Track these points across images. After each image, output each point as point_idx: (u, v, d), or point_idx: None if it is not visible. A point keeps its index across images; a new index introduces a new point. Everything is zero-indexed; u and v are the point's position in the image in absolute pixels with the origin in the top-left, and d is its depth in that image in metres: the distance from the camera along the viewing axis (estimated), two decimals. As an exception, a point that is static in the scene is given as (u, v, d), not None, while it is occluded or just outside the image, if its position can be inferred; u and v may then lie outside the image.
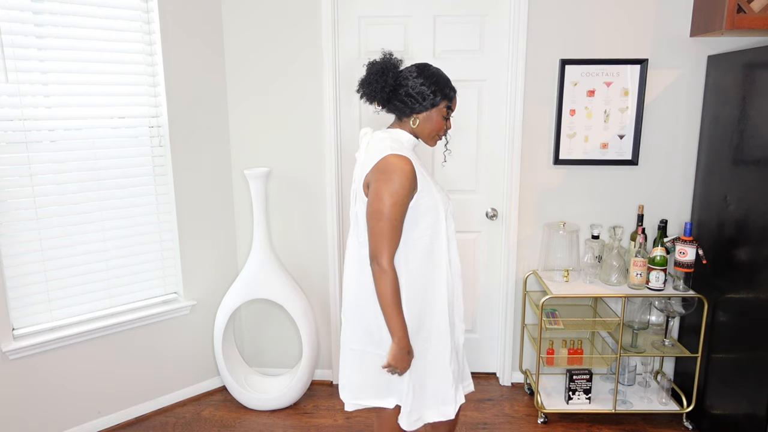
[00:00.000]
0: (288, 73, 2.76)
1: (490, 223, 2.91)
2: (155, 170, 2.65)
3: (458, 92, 2.76)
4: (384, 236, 1.58)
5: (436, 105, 1.67)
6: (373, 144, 1.68)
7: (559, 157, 2.73)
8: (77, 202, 2.45)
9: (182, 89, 2.63)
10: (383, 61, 1.67)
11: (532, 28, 2.63)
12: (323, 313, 3.00)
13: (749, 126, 2.24)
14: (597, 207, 2.80)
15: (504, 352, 2.99)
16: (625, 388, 2.78)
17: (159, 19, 2.51)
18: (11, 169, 2.27)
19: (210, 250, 2.86)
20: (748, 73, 2.26)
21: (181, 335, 2.82)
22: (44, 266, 2.40)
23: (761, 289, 2.17)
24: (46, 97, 2.31)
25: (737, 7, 2.25)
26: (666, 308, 2.54)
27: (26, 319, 2.39)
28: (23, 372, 2.37)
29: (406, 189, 1.58)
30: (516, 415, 2.74)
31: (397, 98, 1.67)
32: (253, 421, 2.71)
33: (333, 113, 2.76)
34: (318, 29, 2.70)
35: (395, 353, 1.62)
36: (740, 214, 2.30)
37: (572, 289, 2.54)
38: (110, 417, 2.66)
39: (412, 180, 1.59)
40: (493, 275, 2.96)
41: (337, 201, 2.86)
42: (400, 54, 2.74)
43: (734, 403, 2.34)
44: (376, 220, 1.59)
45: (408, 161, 1.59)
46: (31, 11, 2.25)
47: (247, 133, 2.84)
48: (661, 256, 2.45)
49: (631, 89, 2.64)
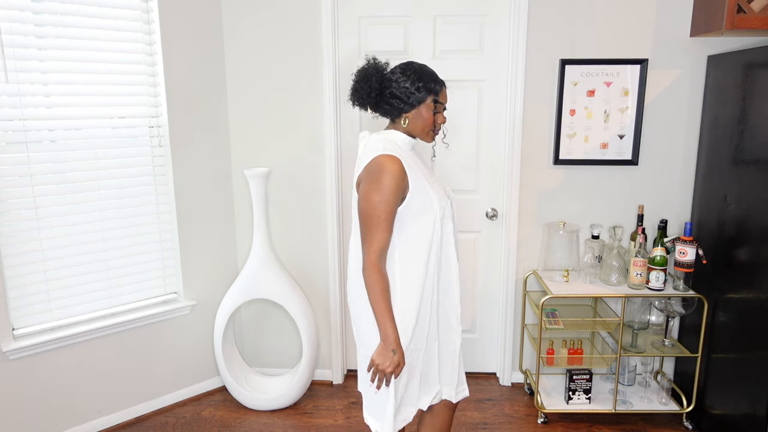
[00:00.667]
0: (288, 73, 2.76)
1: (490, 223, 2.91)
2: (155, 170, 2.65)
3: (458, 92, 2.76)
4: (372, 234, 1.58)
5: (423, 101, 1.67)
6: (369, 146, 1.69)
7: (559, 157, 2.73)
8: (77, 202, 2.45)
9: (182, 89, 2.63)
10: (367, 66, 1.69)
11: (532, 28, 2.63)
12: (323, 313, 3.00)
13: (749, 126, 2.24)
14: (597, 207, 2.80)
15: (504, 352, 2.99)
16: (625, 388, 2.78)
17: (159, 19, 2.51)
18: (11, 169, 2.27)
19: (210, 250, 2.86)
20: (748, 73, 2.26)
21: (181, 335, 2.82)
22: (44, 266, 2.40)
23: (761, 289, 2.17)
24: (46, 97, 2.31)
25: (737, 7, 2.24)
26: (666, 308, 2.54)
27: (26, 319, 2.39)
28: (23, 372, 2.37)
29: (393, 188, 1.58)
30: (516, 415, 2.74)
31: (384, 101, 1.68)
32: (253, 421, 2.71)
33: (333, 113, 2.76)
34: (318, 29, 2.70)
35: (380, 350, 1.60)
36: (740, 214, 2.30)
37: (572, 289, 2.54)
38: (110, 417, 2.66)
39: (401, 179, 1.59)
40: (493, 275, 2.96)
41: (337, 201, 2.86)
42: (400, 54, 2.74)
43: (734, 403, 2.34)
44: (364, 219, 1.59)
45: (396, 160, 1.60)
46: (31, 11, 2.25)
47: (247, 133, 2.84)
48: (661, 256, 2.45)
49: (631, 89, 2.64)
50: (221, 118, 2.81)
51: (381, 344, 1.60)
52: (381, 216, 1.58)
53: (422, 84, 1.66)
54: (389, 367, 1.59)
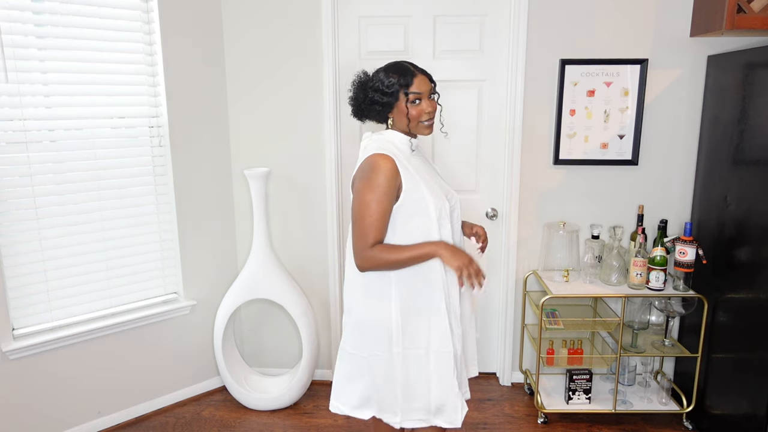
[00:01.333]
0: (288, 73, 2.76)
1: (490, 223, 2.91)
2: (155, 170, 2.65)
3: (458, 92, 2.76)
4: (367, 233, 1.58)
5: (397, 98, 1.66)
6: (368, 147, 1.70)
7: (559, 157, 2.73)
8: (77, 202, 2.45)
9: (182, 89, 2.63)
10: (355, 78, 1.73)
11: (532, 28, 2.63)
12: (323, 313, 3.00)
13: (749, 126, 2.24)
14: (597, 207, 2.80)
15: (504, 352, 2.99)
16: (625, 388, 2.78)
17: (159, 19, 2.51)
18: (11, 169, 2.27)
19: (210, 250, 2.86)
20: (748, 73, 2.26)
21: (181, 335, 2.82)
22: (44, 266, 2.40)
23: (761, 289, 2.17)
24: (46, 97, 2.31)
25: (737, 7, 2.24)
26: (666, 308, 2.54)
27: (26, 319, 2.39)
28: (23, 372, 2.37)
29: (385, 186, 1.58)
30: (516, 415, 2.74)
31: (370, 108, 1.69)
32: (253, 421, 2.71)
33: (333, 112, 2.76)
34: (318, 29, 2.70)
35: (447, 258, 1.57)
36: (740, 214, 2.30)
37: (572, 289, 2.54)
38: (110, 417, 2.66)
39: (393, 177, 1.59)
40: (493, 275, 2.96)
41: (337, 201, 2.86)
42: (401, 54, 2.73)
43: (734, 403, 2.34)
44: (358, 217, 1.59)
45: (389, 159, 1.60)
46: (31, 11, 2.25)
47: (247, 133, 2.84)
48: (661, 256, 2.45)
49: (631, 89, 2.64)
50: (221, 118, 2.81)
51: (444, 257, 1.58)
52: (374, 215, 1.58)
53: (392, 81, 1.64)
54: (466, 260, 1.57)
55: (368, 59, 2.74)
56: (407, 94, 1.64)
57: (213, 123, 2.78)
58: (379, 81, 1.66)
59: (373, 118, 1.72)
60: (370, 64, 1.99)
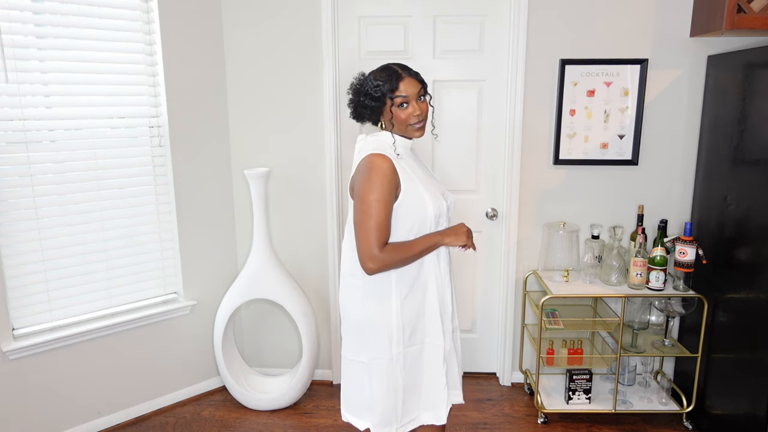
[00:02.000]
0: (288, 73, 2.76)
1: (490, 223, 2.91)
2: (155, 170, 2.65)
3: (458, 92, 2.76)
4: (372, 233, 1.58)
5: (384, 102, 1.65)
6: (363, 148, 1.70)
7: (559, 157, 2.73)
8: (77, 202, 2.45)
9: (182, 89, 2.63)
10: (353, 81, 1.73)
11: (532, 28, 2.63)
12: (323, 313, 3.00)
13: (749, 126, 2.24)
14: (597, 207, 2.79)
15: (504, 352, 2.99)
16: (625, 388, 2.78)
17: (159, 19, 2.51)
18: (11, 169, 2.27)
19: (210, 250, 2.86)
20: (748, 73, 2.26)
21: (181, 335, 2.82)
22: (44, 266, 2.40)
23: (761, 289, 2.17)
24: (46, 97, 2.31)
25: (737, 7, 2.24)
26: (666, 308, 2.54)
27: (26, 319, 2.39)
28: (23, 372, 2.37)
29: (386, 186, 1.58)
30: (516, 415, 2.74)
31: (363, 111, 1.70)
32: (253, 421, 2.71)
33: (333, 113, 2.76)
34: (318, 29, 2.70)
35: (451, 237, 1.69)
36: (740, 214, 2.30)
37: (572, 289, 2.54)
38: (110, 417, 2.66)
39: (392, 177, 1.59)
40: (493, 275, 2.96)
41: (337, 201, 2.86)
42: (400, 54, 2.73)
43: (734, 403, 2.34)
44: (364, 218, 1.59)
45: (386, 159, 1.60)
46: (31, 11, 2.25)
47: (247, 133, 2.84)
48: (661, 256, 2.45)
49: (631, 89, 2.64)
50: (221, 118, 2.81)
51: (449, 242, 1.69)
52: (380, 215, 1.58)
53: (379, 85, 1.64)
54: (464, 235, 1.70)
55: (368, 59, 2.74)
56: (392, 99, 1.64)
57: (213, 123, 2.78)
58: (369, 85, 1.66)
59: (368, 120, 1.73)
60: (370, 64, 2.00)
